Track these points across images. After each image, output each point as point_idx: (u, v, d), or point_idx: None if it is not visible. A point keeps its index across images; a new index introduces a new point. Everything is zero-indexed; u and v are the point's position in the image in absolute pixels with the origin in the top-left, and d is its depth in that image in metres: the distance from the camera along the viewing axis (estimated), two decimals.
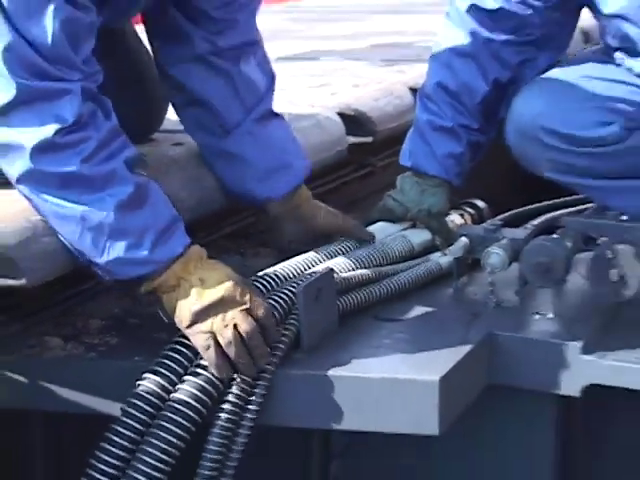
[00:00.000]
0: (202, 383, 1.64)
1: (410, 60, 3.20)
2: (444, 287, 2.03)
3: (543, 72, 2.16)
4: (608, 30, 2.11)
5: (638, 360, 1.77)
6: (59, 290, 1.86)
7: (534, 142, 2.10)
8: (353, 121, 2.48)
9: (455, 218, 2.24)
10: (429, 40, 3.49)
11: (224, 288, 1.68)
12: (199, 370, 1.66)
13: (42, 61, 1.62)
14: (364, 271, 1.94)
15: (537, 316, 1.91)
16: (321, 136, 2.36)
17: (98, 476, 1.63)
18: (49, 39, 1.61)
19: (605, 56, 2.16)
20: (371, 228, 2.10)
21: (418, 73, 2.77)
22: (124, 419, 1.64)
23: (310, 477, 2.00)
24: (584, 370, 1.78)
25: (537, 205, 2.47)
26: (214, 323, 1.66)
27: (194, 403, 1.64)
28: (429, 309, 1.95)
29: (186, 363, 1.68)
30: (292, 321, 1.74)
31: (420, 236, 2.11)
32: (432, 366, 1.69)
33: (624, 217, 2.01)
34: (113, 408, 1.68)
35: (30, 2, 1.60)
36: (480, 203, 2.34)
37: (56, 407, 1.76)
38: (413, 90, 2.65)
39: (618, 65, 2.10)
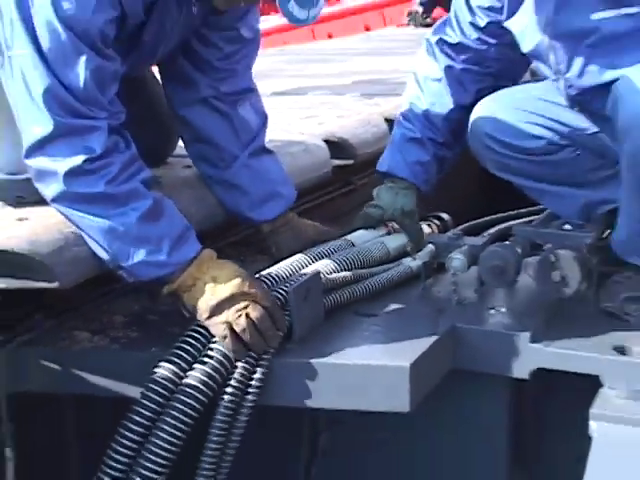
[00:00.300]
0: (209, 370, 1.66)
1: (385, 94, 3.17)
2: (414, 287, 2.02)
3: None
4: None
5: (577, 347, 1.77)
6: (87, 291, 1.86)
7: (480, 144, 2.16)
8: (337, 146, 2.47)
9: (424, 228, 2.26)
10: (401, 77, 3.41)
11: (234, 284, 1.69)
12: (206, 359, 1.67)
13: (75, 101, 1.65)
14: (346, 273, 1.94)
15: (492, 311, 1.91)
16: (310, 159, 2.36)
17: (120, 449, 1.64)
18: (81, 84, 1.64)
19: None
20: (353, 235, 2.11)
21: (392, 105, 2.79)
22: (143, 401, 1.65)
23: (301, 448, 2.01)
24: (532, 356, 1.78)
25: (492, 217, 2.47)
26: (228, 314, 1.67)
27: (202, 387, 1.65)
28: (401, 306, 1.95)
29: (195, 353, 1.69)
30: (285, 317, 1.74)
31: (395, 241, 2.12)
32: (404, 354, 1.70)
33: (567, 226, 2.02)
34: (133, 392, 1.69)
35: (66, 53, 1.63)
36: (445, 216, 2.34)
37: (84, 391, 1.77)
38: (387, 120, 2.65)
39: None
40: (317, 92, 3.35)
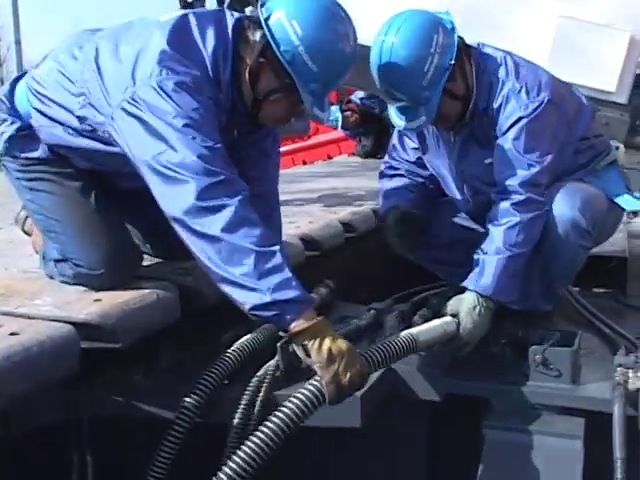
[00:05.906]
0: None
1: (341, 205, 3.11)
2: (363, 339, 1.97)
3: None
4: None
5: (473, 378, 1.85)
6: (139, 347, 1.77)
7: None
8: (308, 242, 2.44)
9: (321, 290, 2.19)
10: (352, 192, 3.48)
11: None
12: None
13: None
14: None
15: (418, 355, 1.83)
16: (291, 251, 2.26)
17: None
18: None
19: None
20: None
21: (346, 212, 2.78)
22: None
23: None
24: (443, 385, 1.83)
25: (411, 290, 2.47)
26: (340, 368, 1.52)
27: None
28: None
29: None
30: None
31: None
32: None
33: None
34: (169, 415, 1.68)
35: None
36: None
37: (135, 414, 1.74)
38: (342, 223, 2.64)
39: None
40: (295, 204, 3.23)
